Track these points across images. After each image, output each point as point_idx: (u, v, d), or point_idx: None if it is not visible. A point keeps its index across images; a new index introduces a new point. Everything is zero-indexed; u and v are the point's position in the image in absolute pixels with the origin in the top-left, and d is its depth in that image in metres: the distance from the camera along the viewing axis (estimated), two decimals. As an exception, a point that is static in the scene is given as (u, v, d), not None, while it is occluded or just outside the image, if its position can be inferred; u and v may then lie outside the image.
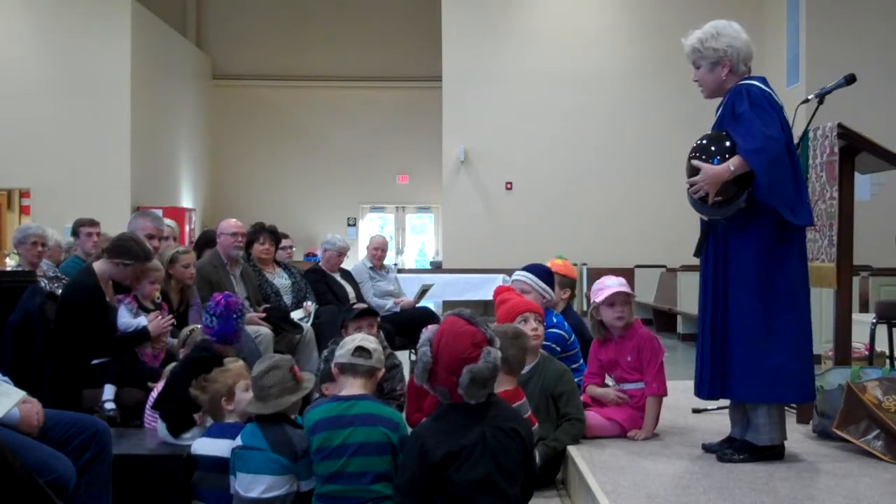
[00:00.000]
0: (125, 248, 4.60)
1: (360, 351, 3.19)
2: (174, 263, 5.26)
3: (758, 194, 3.43)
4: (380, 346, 3.28)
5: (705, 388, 3.61)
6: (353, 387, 3.21)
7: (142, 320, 4.61)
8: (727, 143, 3.47)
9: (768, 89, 3.52)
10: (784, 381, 3.48)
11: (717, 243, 3.60)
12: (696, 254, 3.72)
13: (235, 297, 4.20)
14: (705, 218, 3.63)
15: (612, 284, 4.17)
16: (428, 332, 2.95)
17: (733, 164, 3.42)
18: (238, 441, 3.23)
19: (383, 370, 3.30)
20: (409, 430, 3.25)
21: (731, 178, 3.42)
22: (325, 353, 4.62)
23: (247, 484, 3.13)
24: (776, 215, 3.44)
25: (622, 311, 4.13)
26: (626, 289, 4.15)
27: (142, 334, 4.56)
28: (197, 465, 3.42)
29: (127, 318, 4.65)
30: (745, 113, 3.46)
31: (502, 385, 3.53)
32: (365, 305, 4.99)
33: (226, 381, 3.52)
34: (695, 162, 3.52)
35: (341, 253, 7.46)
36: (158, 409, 3.74)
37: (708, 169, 3.46)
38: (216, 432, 3.45)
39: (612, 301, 4.14)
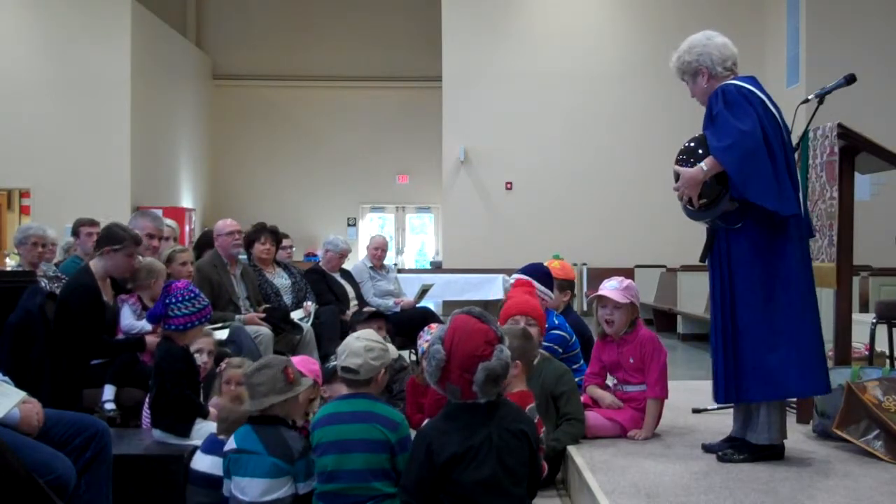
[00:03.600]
0: (111, 235, 4.66)
1: (345, 370, 3.17)
2: (171, 262, 5.25)
3: (733, 191, 3.43)
4: (369, 354, 3.16)
5: (720, 393, 3.58)
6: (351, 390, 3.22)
7: (145, 325, 4.60)
8: None
9: (748, 86, 3.52)
10: (796, 374, 3.46)
11: (721, 247, 3.60)
12: (702, 259, 3.73)
13: (188, 284, 4.06)
14: (703, 223, 3.64)
15: (608, 286, 4.15)
16: (435, 330, 2.93)
17: (706, 164, 3.43)
18: (232, 444, 3.18)
19: (383, 370, 3.27)
20: (410, 430, 3.24)
21: (708, 179, 3.43)
22: (332, 358, 4.61)
23: (243, 487, 3.08)
24: (766, 211, 3.44)
25: (610, 314, 4.11)
26: (611, 294, 4.08)
27: (139, 343, 4.57)
28: (190, 478, 3.35)
29: (130, 320, 4.65)
30: (719, 113, 3.48)
31: (515, 386, 3.52)
32: (373, 309, 5.00)
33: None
34: (674, 167, 3.55)
35: (342, 255, 7.48)
36: (160, 426, 3.74)
37: (684, 172, 3.48)
38: (208, 447, 3.38)
39: (603, 302, 4.15)
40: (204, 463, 3.34)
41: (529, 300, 4.20)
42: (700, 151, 3.49)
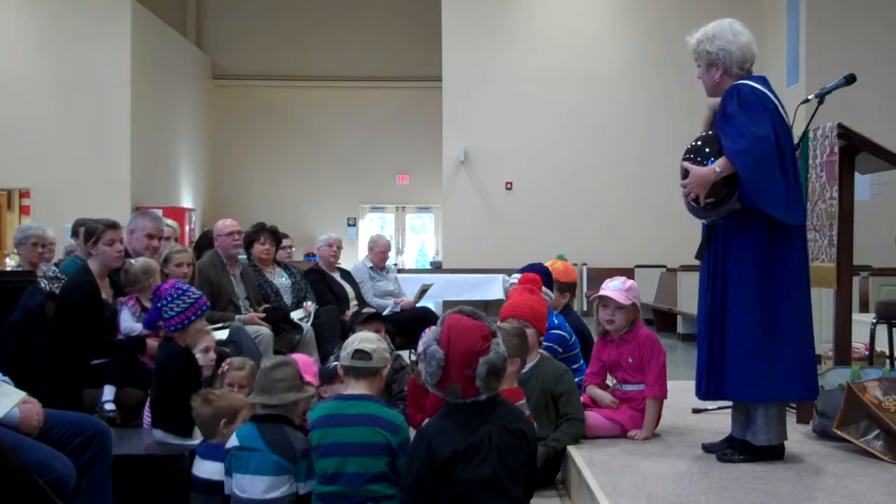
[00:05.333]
0: (87, 231, 4.82)
1: (360, 353, 3.19)
2: (167, 263, 5.24)
3: (744, 196, 3.42)
4: (381, 343, 3.26)
5: (702, 388, 3.60)
6: (357, 387, 3.21)
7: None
8: (720, 145, 3.47)
9: (762, 88, 3.50)
10: (786, 379, 3.47)
11: (718, 245, 3.59)
12: (698, 256, 3.72)
13: (175, 282, 4.08)
14: (704, 221, 3.63)
15: (610, 286, 4.14)
16: (430, 333, 2.94)
17: (719, 165, 3.41)
18: (234, 441, 3.20)
19: (388, 366, 3.29)
20: (412, 431, 3.24)
21: (719, 180, 3.42)
22: (332, 358, 4.61)
23: (244, 485, 3.10)
24: (772, 217, 3.43)
25: (612, 315, 4.11)
26: (614, 295, 4.08)
27: (140, 344, 4.57)
28: (192, 484, 3.38)
29: (130, 323, 4.64)
30: (733, 113, 3.46)
31: (505, 383, 3.52)
32: (373, 310, 5.02)
33: (231, 403, 3.47)
34: (683, 164, 3.53)
35: (332, 244, 7.41)
36: (160, 426, 3.75)
37: (695, 170, 3.46)
38: (205, 452, 3.40)
39: (605, 302, 4.14)
40: (204, 469, 3.35)
41: (527, 300, 4.14)
42: (707, 150, 3.47)
